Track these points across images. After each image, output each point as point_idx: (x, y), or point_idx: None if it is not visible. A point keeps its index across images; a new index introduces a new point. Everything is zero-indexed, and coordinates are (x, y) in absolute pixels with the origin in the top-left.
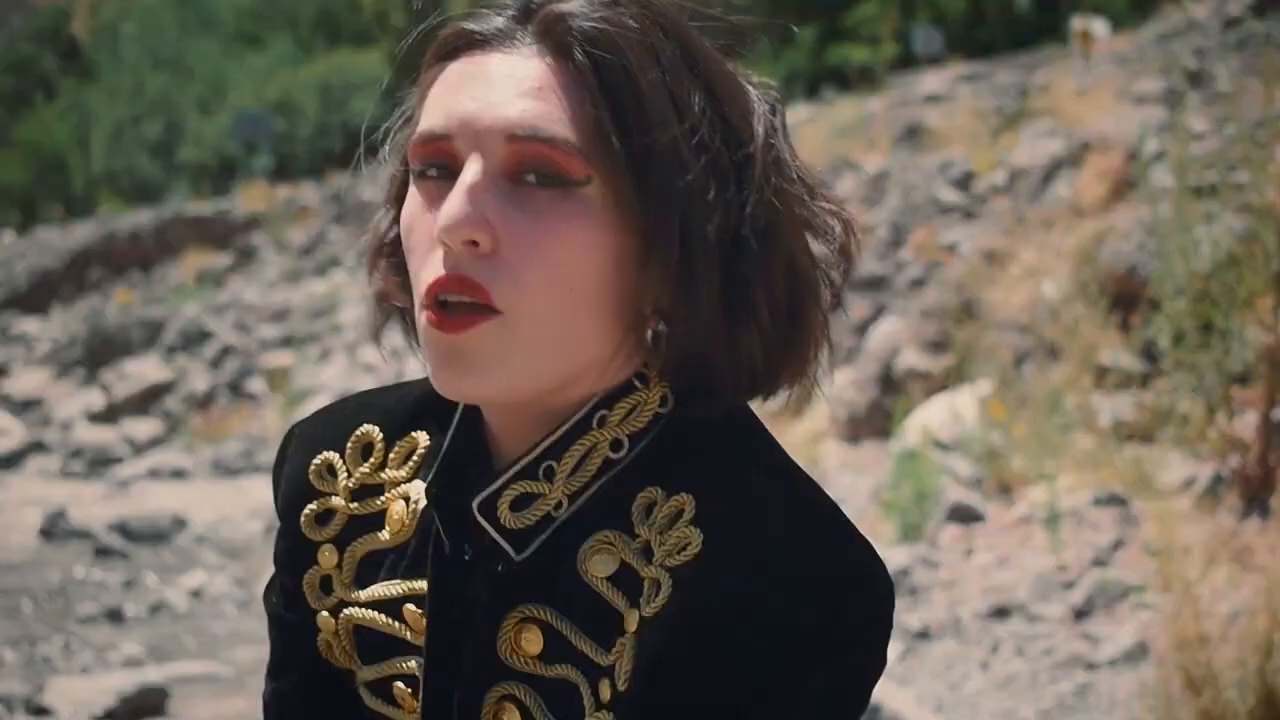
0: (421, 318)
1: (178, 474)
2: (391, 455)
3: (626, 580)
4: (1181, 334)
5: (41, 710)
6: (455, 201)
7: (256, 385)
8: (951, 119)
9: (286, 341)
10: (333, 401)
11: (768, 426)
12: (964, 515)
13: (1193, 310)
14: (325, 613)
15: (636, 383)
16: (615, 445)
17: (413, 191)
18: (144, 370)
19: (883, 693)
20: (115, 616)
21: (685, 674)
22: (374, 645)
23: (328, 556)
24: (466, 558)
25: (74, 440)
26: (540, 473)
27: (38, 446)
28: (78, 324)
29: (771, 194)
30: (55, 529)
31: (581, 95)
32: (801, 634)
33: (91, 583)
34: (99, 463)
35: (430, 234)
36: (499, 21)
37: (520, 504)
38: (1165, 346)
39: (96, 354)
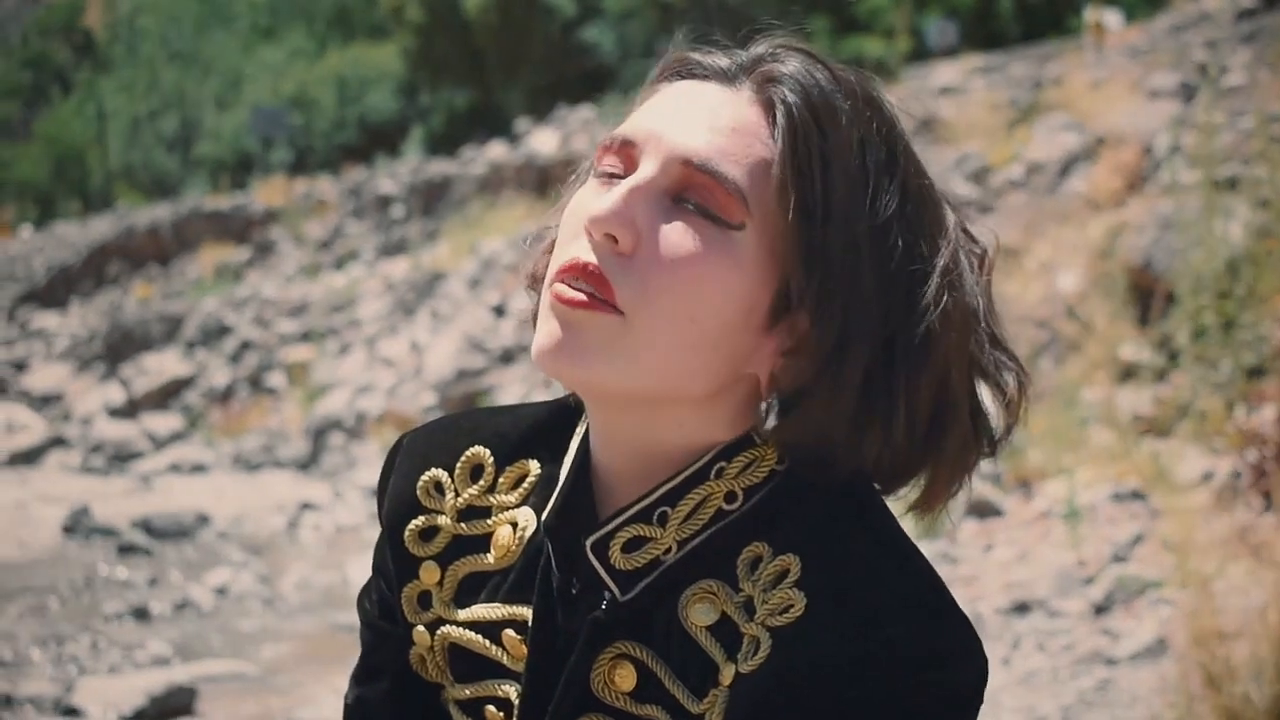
0: (548, 292)
1: (198, 469)
2: (501, 480)
3: (726, 632)
4: (1201, 329)
5: (71, 710)
6: (612, 196)
7: (276, 379)
8: (966, 112)
9: (305, 336)
10: (444, 415)
11: None
12: (983, 510)
13: (1212, 305)
14: (422, 627)
15: (755, 437)
16: (730, 497)
17: (588, 182)
18: (164, 365)
19: None
20: (141, 614)
21: None
22: (469, 665)
23: (430, 573)
24: (575, 591)
25: (94, 435)
26: (655, 517)
27: (58, 442)
28: (97, 319)
29: (939, 315)
30: (78, 526)
31: (767, 148)
32: (892, 709)
33: (116, 580)
34: (119, 458)
35: (580, 221)
36: (724, 62)
37: (631, 546)
38: (1183, 342)
39: (116, 349)
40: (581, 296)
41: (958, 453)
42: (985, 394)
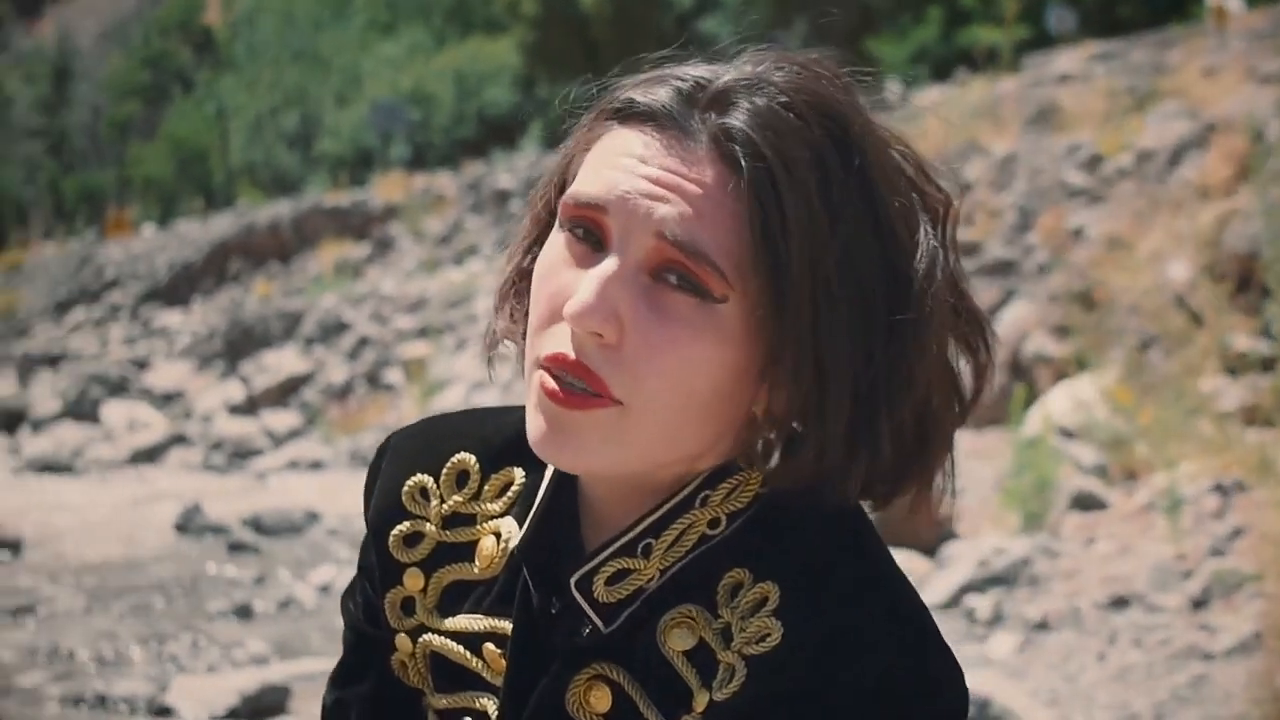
0: (535, 376)
1: (316, 466)
2: (486, 487)
3: (702, 658)
4: None
5: (164, 710)
6: (588, 290)
7: (393, 376)
8: (1083, 100)
9: (423, 332)
10: (433, 416)
11: None
12: (1086, 503)
13: None
14: (404, 634)
15: (741, 462)
16: (713, 523)
17: (554, 238)
18: (282, 362)
19: (993, 687)
20: (244, 613)
21: None
22: (449, 675)
23: (413, 579)
24: (554, 611)
25: (214, 433)
26: (639, 549)
27: (179, 439)
28: (218, 316)
29: (919, 336)
30: (190, 524)
31: (734, 211)
32: None
33: (223, 579)
34: (239, 455)
35: (558, 297)
36: (667, 98)
37: (615, 579)
38: None
39: (236, 346)
40: (572, 395)
41: (944, 453)
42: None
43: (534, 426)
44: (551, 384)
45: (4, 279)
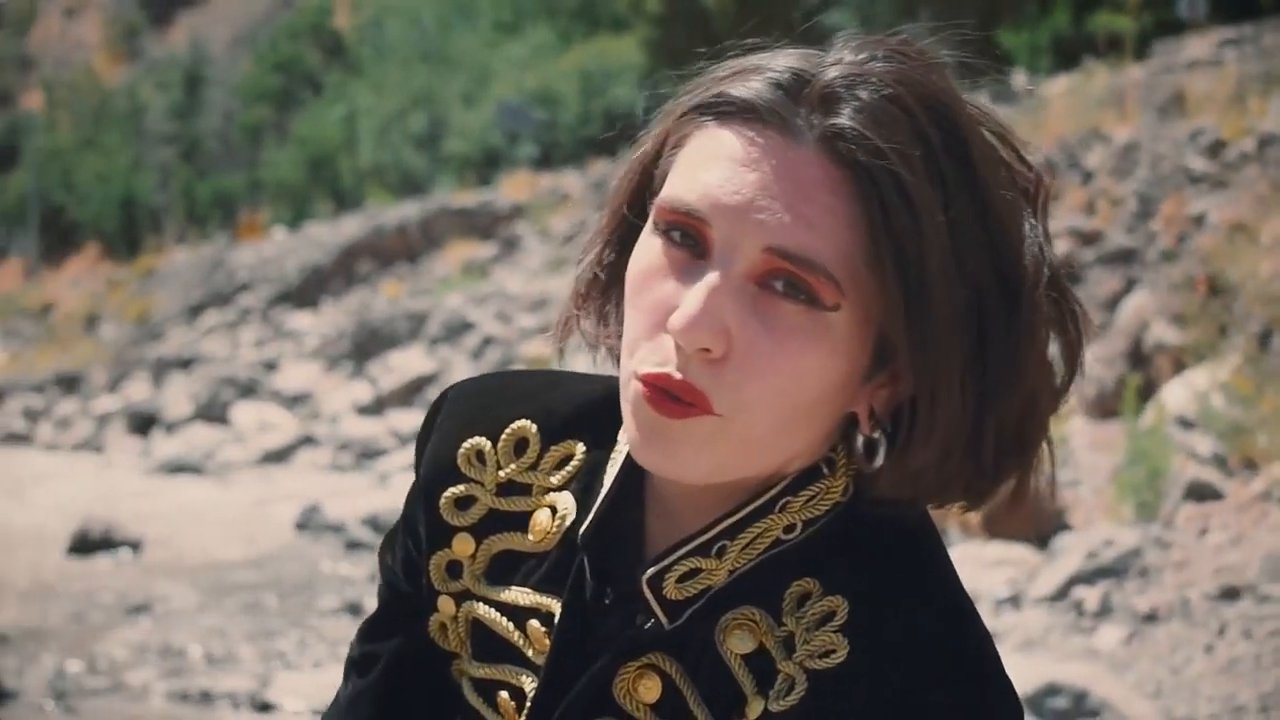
0: (633, 385)
1: None
2: (545, 459)
3: (760, 665)
4: None
5: (265, 706)
6: (694, 303)
7: None
8: (1210, 86)
9: (545, 330)
10: (495, 374)
11: None
12: (1201, 493)
13: None
14: (448, 596)
15: (824, 468)
16: (788, 529)
17: (648, 241)
18: (408, 362)
19: (1091, 678)
20: (355, 610)
21: None
22: (490, 645)
23: (462, 544)
24: (607, 601)
25: (342, 433)
26: (714, 550)
27: (307, 440)
28: (346, 318)
29: (1025, 336)
30: (309, 523)
31: (847, 217)
32: None
33: (337, 577)
34: (366, 455)
35: (660, 307)
36: (766, 93)
37: (685, 577)
38: None
39: (363, 347)
40: (674, 404)
41: (1040, 449)
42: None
43: (633, 434)
44: (649, 392)
45: (139, 284)
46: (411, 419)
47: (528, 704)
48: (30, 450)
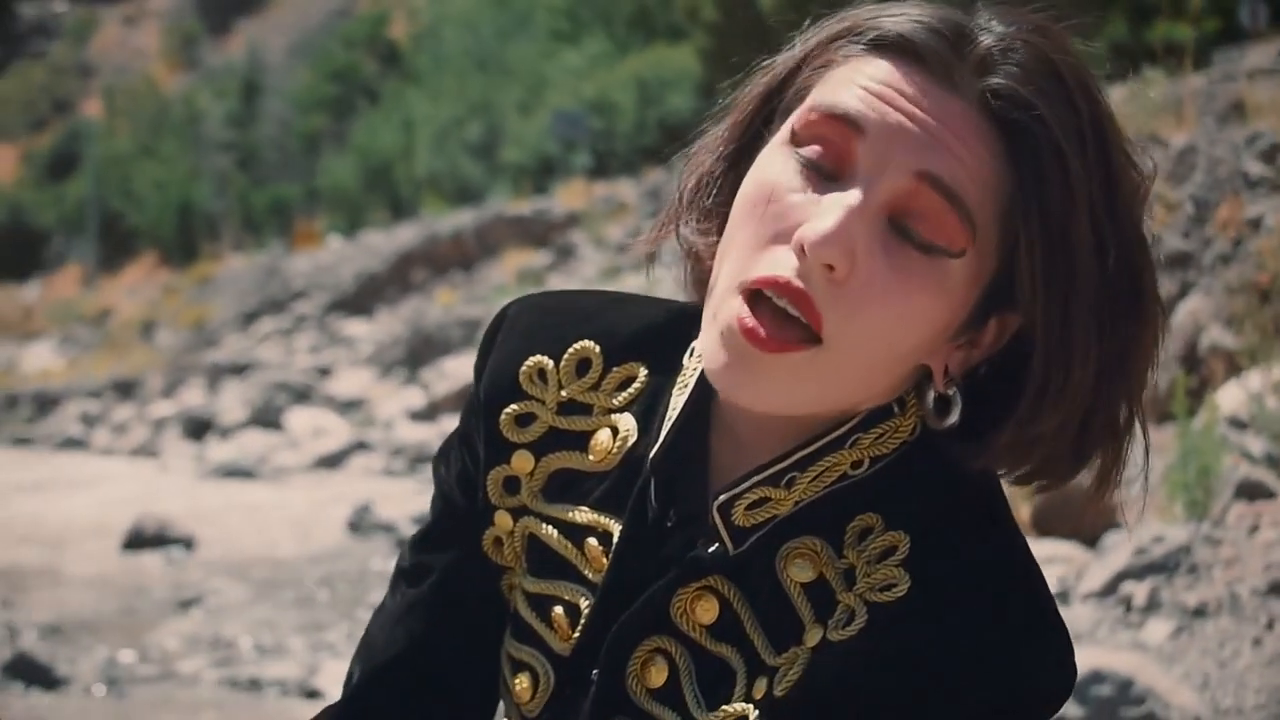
0: (732, 302)
1: None
2: (607, 380)
3: (819, 594)
4: None
5: (313, 692)
6: (833, 216)
7: None
8: (1273, 93)
9: None
10: (556, 291)
11: None
12: (1252, 492)
13: None
14: (505, 511)
15: (896, 407)
16: (855, 464)
17: (776, 155)
18: (462, 368)
19: (1137, 667)
20: None
21: (851, 714)
22: (545, 560)
23: (521, 460)
24: (669, 524)
25: (395, 439)
26: (783, 481)
27: (361, 446)
28: (400, 325)
29: (1143, 316)
30: (361, 523)
31: (999, 173)
32: (974, 712)
33: (388, 574)
34: (419, 460)
35: (782, 220)
36: (930, 39)
37: (754, 505)
38: None
39: (417, 353)
40: (773, 337)
41: (1130, 435)
42: None
43: (717, 356)
44: (750, 321)
45: (196, 291)
46: None
47: (582, 620)
48: (86, 454)
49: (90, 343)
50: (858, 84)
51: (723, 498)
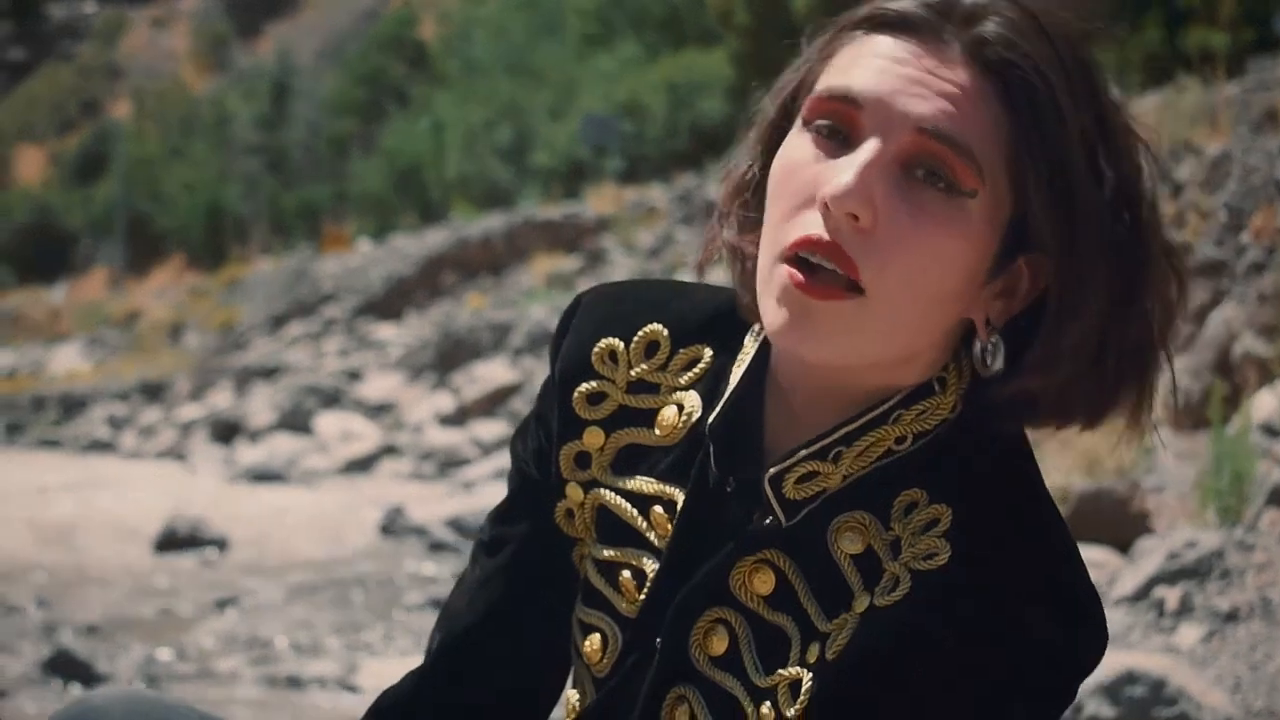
0: (778, 270)
1: None
2: (674, 360)
3: (868, 564)
4: None
5: (353, 689)
6: (849, 172)
7: None
8: None
9: None
10: (627, 281)
11: None
12: None
13: None
14: (576, 484)
15: (936, 386)
16: (899, 440)
17: (794, 140)
18: (491, 373)
19: (1170, 669)
20: (439, 605)
21: (894, 674)
22: (614, 530)
23: (593, 436)
24: (729, 490)
25: (424, 443)
26: (830, 455)
27: (390, 450)
28: (430, 329)
29: (1146, 249)
30: (394, 525)
31: (998, 115)
32: (1008, 678)
33: (422, 575)
34: (448, 465)
35: (807, 188)
36: (919, 10)
37: (803, 479)
38: None
39: (447, 358)
40: (817, 286)
41: (1158, 372)
42: None
43: (776, 318)
44: (798, 276)
45: (224, 294)
46: (494, 429)
47: (648, 584)
48: (114, 457)
49: (118, 345)
50: (851, 65)
51: (773, 471)
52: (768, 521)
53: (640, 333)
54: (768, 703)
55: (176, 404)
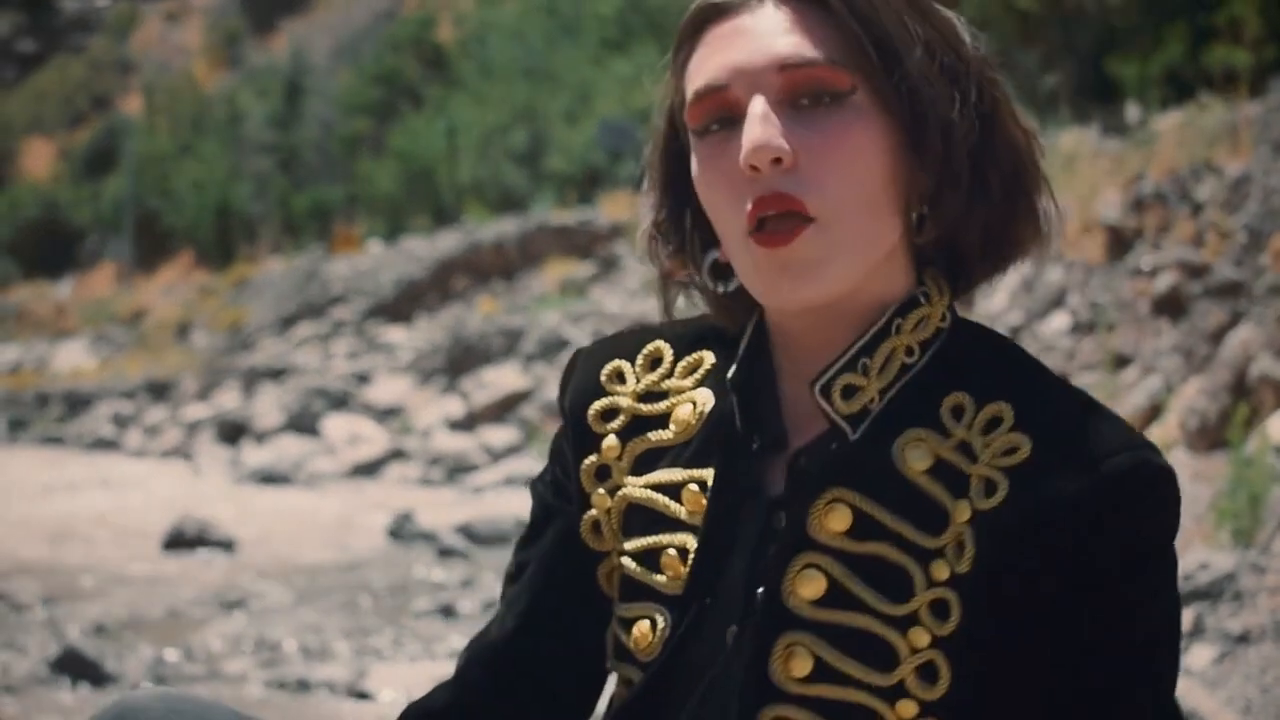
0: (749, 248)
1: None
2: (678, 368)
3: (946, 474)
4: None
5: (362, 694)
6: (754, 129)
7: None
8: None
9: None
10: (614, 333)
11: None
12: None
13: None
14: (602, 491)
15: (922, 298)
16: (908, 351)
17: (699, 152)
18: (502, 378)
19: (1182, 691)
20: (448, 612)
21: (1035, 569)
22: (647, 522)
23: (610, 447)
24: (755, 447)
25: (433, 448)
26: (858, 367)
27: (398, 454)
28: (440, 333)
29: (988, 88)
30: (402, 531)
31: (831, 23)
32: (1137, 539)
33: (430, 581)
34: (457, 470)
35: (729, 179)
36: None
37: (847, 393)
38: None
39: (457, 362)
40: (781, 233)
41: (1042, 190)
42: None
43: (764, 283)
44: (765, 239)
45: (232, 293)
46: (504, 435)
47: (691, 556)
48: (118, 456)
49: (123, 343)
50: (703, 61)
51: (820, 383)
52: (834, 446)
53: (643, 351)
54: (916, 628)
55: (182, 403)
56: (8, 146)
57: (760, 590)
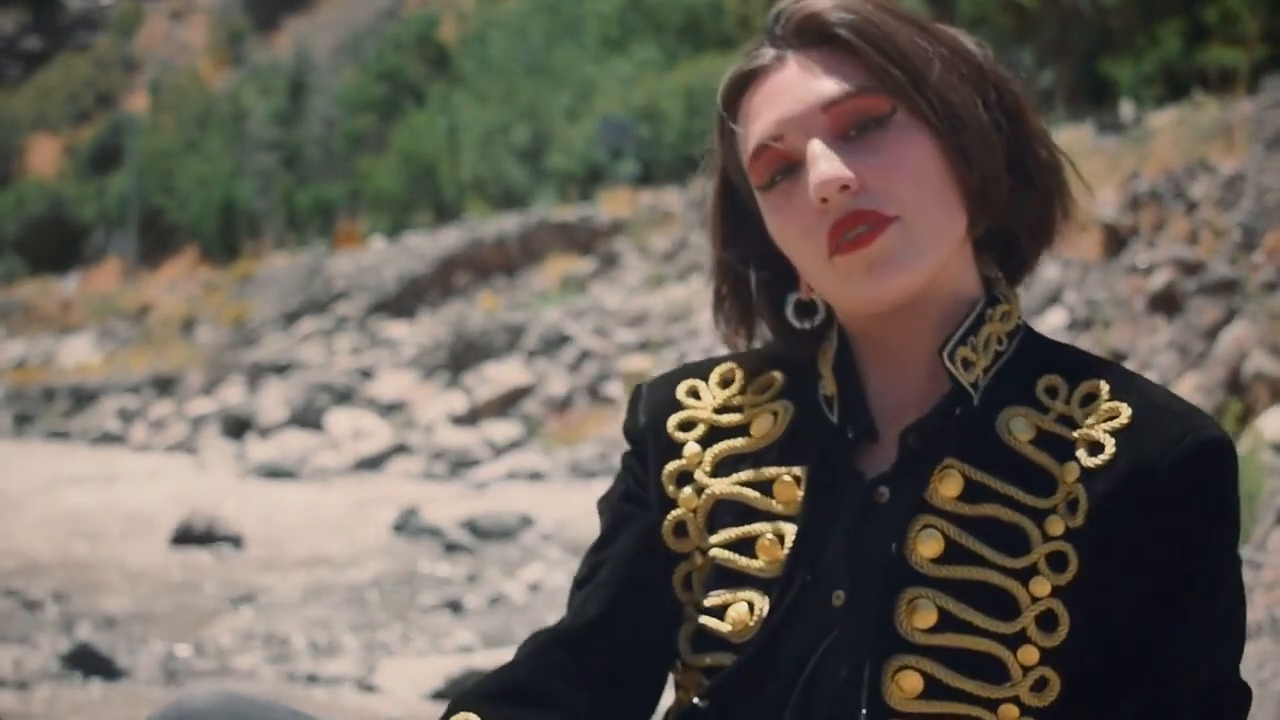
0: (829, 266)
1: (534, 476)
2: (750, 386)
3: (1048, 443)
4: None
5: (371, 689)
6: (819, 165)
7: (614, 389)
8: None
9: (643, 345)
10: (680, 365)
11: None
12: None
13: None
14: (688, 491)
15: (1000, 297)
16: (999, 340)
17: (767, 205)
18: (504, 374)
19: None
20: (455, 607)
21: (1138, 524)
22: (737, 515)
23: (692, 453)
24: (850, 436)
25: (436, 443)
26: (968, 343)
27: (401, 449)
28: (443, 329)
29: (1006, 88)
30: (407, 525)
31: (852, 58)
32: (1223, 484)
33: (436, 576)
34: (460, 465)
35: (803, 216)
36: (765, 51)
37: (965, 364)
38: None
39: (460, 358)
40: (864, 235)
41: (1063, 171)
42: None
43: (854, 286)
44: (850, 246)
45: (237, 289)
46: (506, 430)
47: (789, 540)
48: (124, 450)
49: (129, 338)
50: (752, 122)
51: (946, 349)
52: (958, 412)
53: (717, 370)
54: (1036, 578)
55: (187, 398)
56: (13, 144)
57: (876, 551)
